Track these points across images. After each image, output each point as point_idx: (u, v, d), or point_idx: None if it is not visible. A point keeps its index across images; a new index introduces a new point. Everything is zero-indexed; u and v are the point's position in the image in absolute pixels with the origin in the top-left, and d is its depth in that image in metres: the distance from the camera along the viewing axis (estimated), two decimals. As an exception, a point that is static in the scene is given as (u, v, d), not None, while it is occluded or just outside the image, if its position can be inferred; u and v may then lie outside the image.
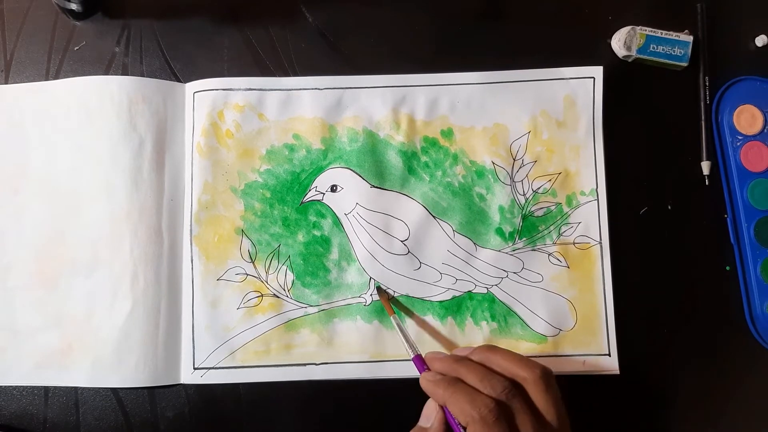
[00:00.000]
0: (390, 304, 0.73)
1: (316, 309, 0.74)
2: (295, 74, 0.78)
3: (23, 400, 0.74)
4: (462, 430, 0.59)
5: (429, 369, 0.66)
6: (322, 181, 0.76)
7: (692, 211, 0.77)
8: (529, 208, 0.76)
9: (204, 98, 0.76)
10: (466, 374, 0.62)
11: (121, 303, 0.73)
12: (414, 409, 0.73)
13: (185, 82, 0.77)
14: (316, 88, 0.77)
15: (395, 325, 0.71)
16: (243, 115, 0.76)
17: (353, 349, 0.74)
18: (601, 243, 0.75)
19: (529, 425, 0.58)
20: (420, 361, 0.67)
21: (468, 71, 0.77)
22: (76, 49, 0.78)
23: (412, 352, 0.68)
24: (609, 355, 0.74)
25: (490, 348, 0.65)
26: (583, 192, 0.76)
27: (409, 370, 0.72)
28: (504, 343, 0.74)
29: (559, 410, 0.60)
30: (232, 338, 0.74)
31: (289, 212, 0.75)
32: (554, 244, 0.75)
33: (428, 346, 0.74)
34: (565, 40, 0.79)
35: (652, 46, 0.77)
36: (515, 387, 0.60)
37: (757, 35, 0.80)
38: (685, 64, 0.78)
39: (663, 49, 0.77)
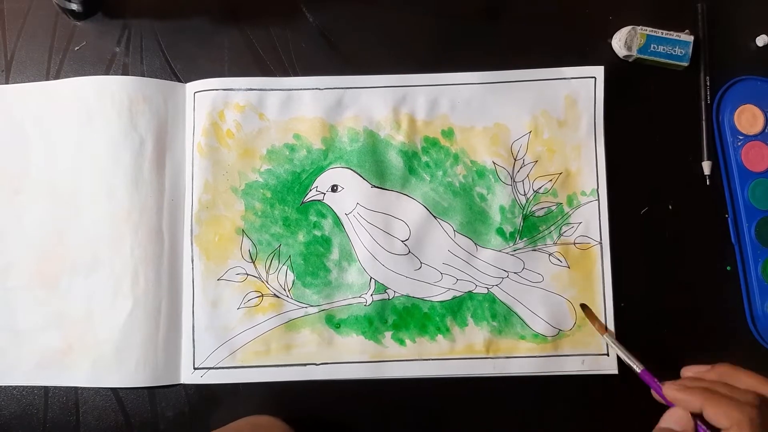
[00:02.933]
0: (601, 323, 0.74)
1: (316, 309, 0.74)
2: (296, 74, 0.78)
3: (23, 400, 0.74)
4: None
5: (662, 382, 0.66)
6: (323, 181, 0.76)
7: (693, 211, 0.77)
8: (529, 208, 0.76)
9: (204, 98, 0.76)
10: (716, 386, 0.62)
11: (121, 303, 0.73)
12: (414, 409, 0.73)
13: (186, 82, 0.77)
14: (316, 88, 0.77)
15: (611, 342, 0.72)
16: (243, 115, 0.76)
17: (353, 349, 0.74)
18: (601, 243, 0.75)
19: None
20: (650, 376, 0.68)
21: (468, 71, 0.77)
22: (76, 49, 0.78)
23: (638, 368, 0.69)
24: (608, 355, 0.74)
25: (732, 366, 0.65)
26: (584, 192, 0.76)
27: (410, 371, 0.72)
28: (504, 343, 0.74)
29: None
30: (233, 338, 0.74)
31: (290, 212, 0.75)
32: (555, 244, 0.75)
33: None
34: (565, 40, 0.79)
35: (652, 45, 0.77)
36: (765, 401, 0.60)
37: (758, 35, 0.80)
38: (685, 64, 0.78)
39: (663, 49, 0.77)
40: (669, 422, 0.63)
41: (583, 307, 0.74)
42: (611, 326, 0.74)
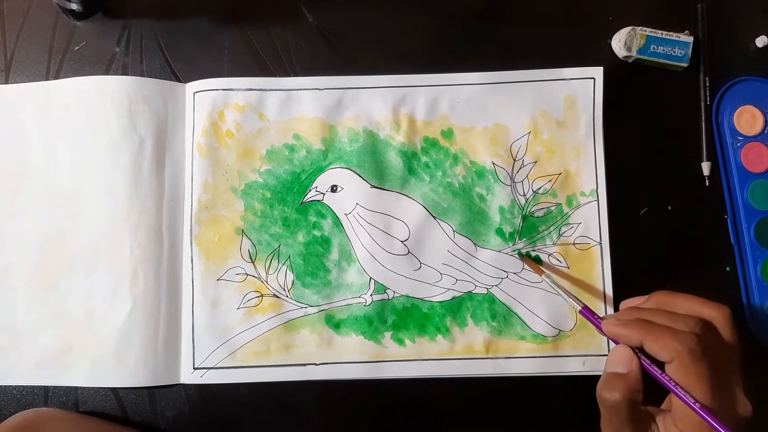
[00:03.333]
0: (537, 266, 0.74)
1: (316, 309, 0.74)
2: (296, 74, 0.78)
3: (23, 400, 0.74)
4: (657, 371, 0.58)
5: (602, 318, 0.65)
6: (323, 182, 0.76)
7: (692, 211, 0.77)
8: (529, 209, 0.76)
9: (204, 98, 0.76)
10: (653, 316, 0.61)
11: (121, 303, 0.73)
12: (414, 410, 0.73)
13: (185, 82, 0.77)
14: (316, 89, 0.77)
15: (550, 282, 0.72)
16: (243, 115, 0.76)
17: (353, 349, 0.74)
18: (601, 243, 0.75)
19: (724, 358, 0.59)
20: (590, 312, 0.67)
21: (468, 71, 0.77)
22: (76, 49, 0.78)
23: (578, 305, 0.68)
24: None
25: (668, 292, 0.65)
26: (584, 192, 0.76)
27: (409, 371, 0.72)
28: (504, 343, 0.74)
29: (738, 348, 0.61)
30: (232, 338, 0.74)
31: (289, 212, 0.75)
32: (554, 244, 0.75)
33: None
34: (565, 40, 0.79)
35: (652, 46, 0.77)
36: (708, 324, 0.60)
37: (758, 36, 0.80)
38: (685, 65, 0.78)
39: (663, 50, 0.77)
40: (613, 364, 0.61)
41: (521, 256, 0.75)
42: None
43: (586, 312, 0.67)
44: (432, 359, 0.73)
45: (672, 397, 0.58)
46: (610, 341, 0.73)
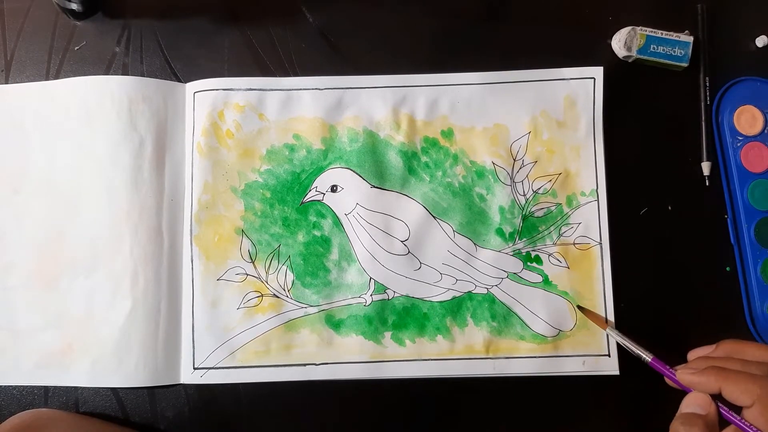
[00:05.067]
0: (600, 318, 0.74)
1: (316, 309, 0.74)
2: (296, 74, 0.78)
3: (23, 400, 0.74)
4: (737, 417, 0.59)
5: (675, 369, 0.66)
6: (323, 182, 0.76)
7: (692, 211, 0.77)
8: (529, 209, 0.76)
9: (204, 98, 0.76)
10: (726, 363, 0.62)
11: (121, 303, 0.73)
12: (414, 410, 0.73)
13: (185, 82, 0.77)
14: (316, 88, 0.77)
15: (617, 335, 0.72)
16: (243, 115, 0.76)
17: (353, 350, 0.74)
18: (601, 243, 0.75)
19: None
20: (661, 363, 0.67)
21: (468, 71, 0.77)
22: (76, 49, 0.78)
23: (649, 357, 0.68)
24: (609, 355, 0.74)
25: (736, 341, 0.65)
26: (584, 192, 0.76)
27: (409, 371, 0.72)
28: (504, 343, 0.74)
29: None
30: (232, 338, 0.74)
31: (290, 212, 0.75)
32: (554, 244, 0.75)
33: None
34: (565, 40, 0.79)
35: (652, 46, 0.77)
36: None
37: (758, 36, 0.80)
38: (685, 65, 0.78)
39: (663, 50, 0.77)
40: (691, 407, 0.62)
41: (581, 308, 0.75)
42: (611, 325, 0.74)
43: (657, 363, 0.68)
44: (432, 359, 0.73)
45: None
46: (609, 341, 0.73)
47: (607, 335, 0.73)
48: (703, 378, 0.61)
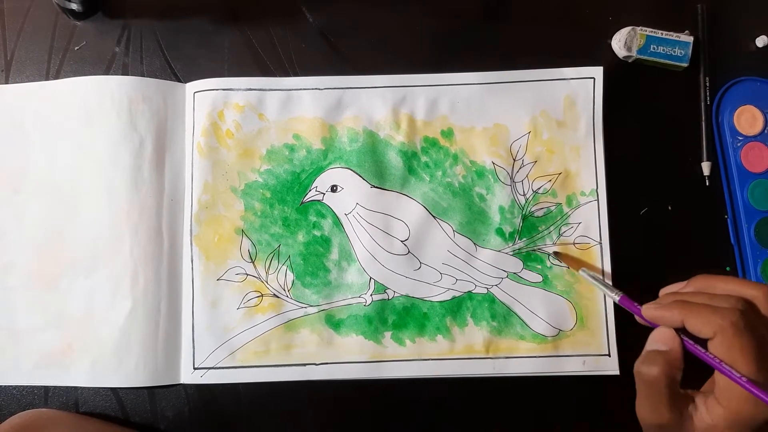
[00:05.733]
0: (573, 259, 0.75)
1: (316, 309, 0.74)
2: (296, 74, 0.78)
3: (23, 400, 0.74)
4: (700, 349, 0.58)
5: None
6: (323, 181, 0.76)
7: (692, 211, 0.77)
8: (529, 209, 0.76)
9: (204, 98, 0.76)
10: (693, 298, 0.61)
11: (121, 303, 0.73)
12: (414, 410, 0.73)
13: (185, 82, 0.77)
14: (316, 88, 0.77)
15: (587, 276, 0.72)
16: (243, 115, 0.76)
17: (353, 349, 0.74)
18: (601, 243, 0.75)
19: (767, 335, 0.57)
20: (629, 301, 0.67)
21: (468, 71, 0.77)
22: (76, 49, 0.78)
23: (617, 295, 0.68)
24: (609, 355, 0.74)
25: (707, 276, 0.64)
26: (583, 192, 0.76)
27: (409, 371, 0.72)
28: (504, 343, 0.74)
29: None
30: (232, 338, 0.74)
31: (289, 212, 0.75)
32: (554, 244, 0.75)
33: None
34: (565, 40, 0.79)
35: (652, 46, 0.77)
36: (749, 301, 0.59)
37: (758, 36, 0.80)
38: (685, 65, 0.78)
39: (663, 50, 0.77)
40: (654, 343, 0.61)
41: (557, 254, 0.75)
42: (611, 326, 0.74)
43: (625, 301, 0.67)
44: (432, 359, 0.73)
45: (715, 376, 0.58)
46: (609, 342, 0.73)
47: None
48: (667, 312, 0.60)
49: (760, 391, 0.53)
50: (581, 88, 0.77)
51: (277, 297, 0.74)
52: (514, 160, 0.76)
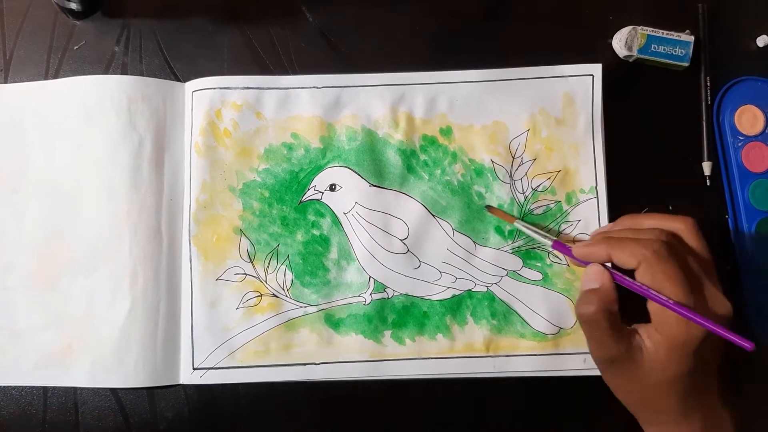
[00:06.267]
0: (506, 213, 0.75)
1: (315, 308, 0.74)
2: (295, 74, 0.78)
3: (23, 400, 0.74)
4: (628, 279, 0.60)
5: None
6: (321, 180, 0.76)
7: (693, 211, 0.76)
8: (528, 207, 0.76)
9: (202, 97, 0.76)
10: (620, 234, 0.64)
11: (120, 303, 0.73)
12: (414, 409, 0.73)
13: (185, 82, 0.77)
14: (314, 87, 0.77)
15: (522, 226, 0.73)
16: (241, 114, 0.76)
17: (353, 349, 0.73)
18: (600, 242, 0.75)
19: (695, 262, 0.61)
20: (561, 244, 0.68)
21: (467, 69, 0.77)
22: (75, 48, 0.78)
23: (550, 240, 0.70)
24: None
25: (633, 214, 0.68)
26: (583, 190, 0.76)
27: (409, 370, 0.72)
28: (504, 342, 0.74)
29: (711, 255, 0.63)
30: (232, 338, 0.73)
31: (288, 211, 0.75)
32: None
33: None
34: (565, 40, 0.79)
35: (653, 46, 0.77)
36: (671, 232, 0.62)
37: (759, 35, 0.80)
38: (686, 64, 0.78)
39: (664, 49, 0.77)
40: (587, 282, 0.63)
41: (488, 207, 0.76)
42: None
43: (558, 245, 0.69)
44: (432, 358, 0.73)
45: (648, 306, 0.60)
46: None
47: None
48: (595, 248, 0.63)
49: (688, 312, 0.56)
50: (580, 85, 0.77)
51: (277, 297, 0.74)
52: (513, 157, 0.76)
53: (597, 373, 0.72)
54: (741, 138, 0.78)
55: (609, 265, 0.64)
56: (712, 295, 0.60)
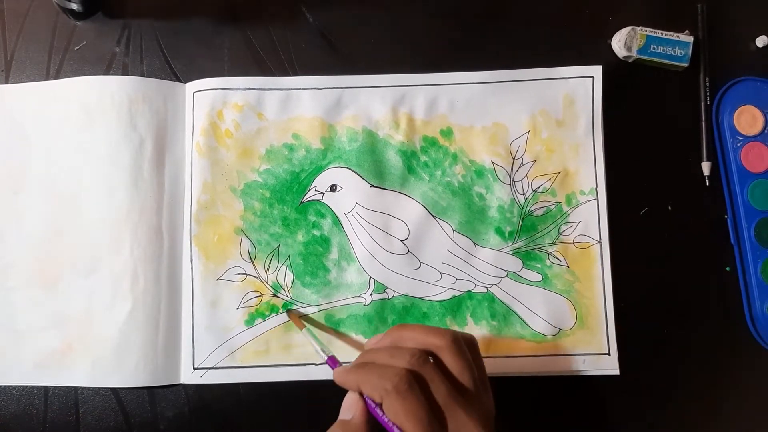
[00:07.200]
0: (299, 320, 0.74)
1: (315, 309, 0.74)
2: (296, 74, 0.78)
3: (23, 400, 0.74)
4: (380, 412, 0.57)
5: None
6: (322, 181, 0.76)
7: (692, 211, 0.77)
8: (528, 208, 0.76)
9: (203, 98, 0.76)
10: (376, 355, 0.60)
11: (121, 303, 0.73)
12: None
13: (185, 82, 0.77)
14: (315, 88, 0.77)
15: (306, 335, 0.72)
16: (242, 115, 0.76)
17: (353, 349, 0.74)
18: (600, 242, 0.75)
19: (443, 390, 0.56)
20: (334, 361, 0.67)
21: (467, 71, 0.77)
22: (76, 49, 0.78)
23: (324, 355, 0.68)
24: (609, 354, 0.74)
25: (400, 326, 0.64)
26: (583, 191, 0.76)
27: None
28: (504, 343, 0.74)
29: (474, 375, 0.59)
30: (232, 338, 0.74)
31: (289, 212, 0.75)
32: (554, 243, 0.75)
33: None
34: (565, 40, 0.79)
35: (652, 46, 0.77)
36: (425, 354, 0.58)
37: (758, 36, 0.80)
38: (685, 65, 0.78)
39: (663, 50, 0.77)
40: (343, 410, 0.60)
41: (288, 311, 0.75)
42: (611, 325, 0.74)
43: (331, 361, 0.67)
44: (431, 358, 0.73)
45: None
46: (609, 341, 0.74)
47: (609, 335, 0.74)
48: (347, 377, 0.60)
49: None
50: (580, 86, 0.77)
51: (277, 297, 0.74)
52: (514, 159, 0.76)
53: (597, 373, 0.72)
54: (740, 138, 0.78)
55: None
56: (461, 425, 0.57)
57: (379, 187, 0.76)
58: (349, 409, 0.59)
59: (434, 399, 0.56)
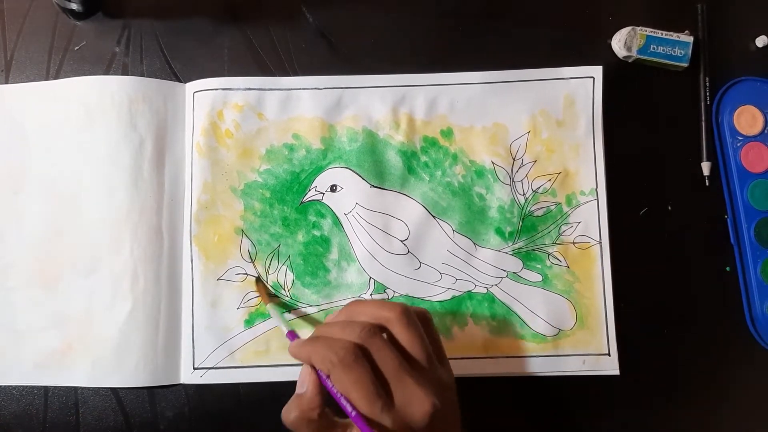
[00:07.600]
0: (266, 294, 0.74)
1: (315, 309, 0.74)
2: (295, 74, 0.78)
3: (23, 400, 0.74)
4: (329, 383, 0.57)
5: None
6: (322, 181, 0.76)
7: (692, 211, 0.77)
8: (528, 208, 0.76)
9: (203, 98, 0.76)
10: (329, 329, 0.60)
11: (121, 303, 0.73)
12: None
13: (185, 82, 0.77)
14: (315, 88, 0.77)
15: (270, 311, 0.72)
16: (242, 115, 0.76)
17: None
18: (600, 242, 0.75)
19: (390, 361, 0.57)
20: (293, 335, 0.67)
21: (467, 71, 0.77)
22: (76, 49, 0.78)
23: (285, 329, 0.68)
24: (609, 354, 0.74)
25: (355, 301, 0.64)
26: (583, 192, 0.76)
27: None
28: (504, 343, 0.74)
29: (425, 346, 0.60)
30: (232, 338, 0.74)
31: (289, 212, 0.75)
32: (554, 243, 0.75)
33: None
34: (565, 40, 0.79)
35: (652, 46, 0.77)
36: (375, 328, 0.59)
37: (758, 36, 0.80)
38: (685, 65, 0.78)
39: (663, 50, 0.77)
40: (298, 384, 0.60)
41: (257, 279, 0.75)
42: (611, 325, 0.74)
43: (290, 335, 0.67)
44: (431, 358, 0.73)
45: None
46: (609, 341, 0.74)
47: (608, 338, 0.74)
48: (300, 350, 0.60)
49: (363, 425, 0.55)
50: (581, 87, 0.77)
51: (277, 297, 0.74)
52: (514, 159, 0.76)
53: (597, 373, 0.72)
54: (740, 138, 0.78)
55: None
56: (410, 394, 0.57)
57: (380, 188, 0.76)
58: (302, 383, 0.60)
59: (382, 370, 0.57)
